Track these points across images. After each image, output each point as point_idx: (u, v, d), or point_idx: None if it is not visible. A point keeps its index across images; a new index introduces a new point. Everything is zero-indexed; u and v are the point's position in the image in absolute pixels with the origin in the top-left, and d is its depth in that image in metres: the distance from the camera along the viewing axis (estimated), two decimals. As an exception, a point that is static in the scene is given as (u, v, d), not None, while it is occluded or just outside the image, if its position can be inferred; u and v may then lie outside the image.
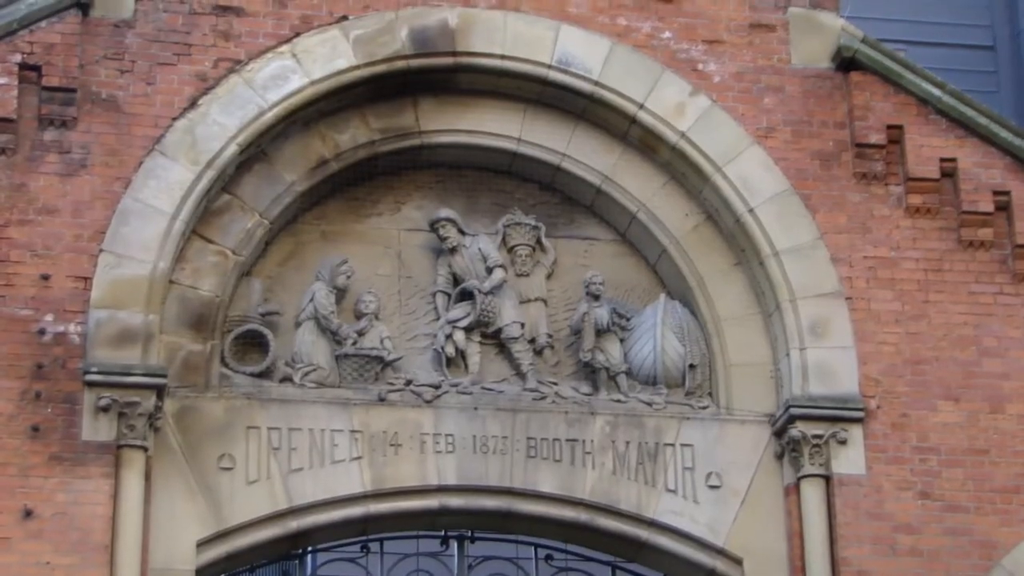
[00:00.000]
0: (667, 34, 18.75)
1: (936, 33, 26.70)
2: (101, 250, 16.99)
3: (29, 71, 17.36)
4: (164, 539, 16.59)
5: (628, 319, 18.50)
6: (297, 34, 18.05)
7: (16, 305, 16.77)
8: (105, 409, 16.36)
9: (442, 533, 18.28)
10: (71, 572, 16.04)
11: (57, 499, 16.19)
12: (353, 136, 18.38)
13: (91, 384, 16.39)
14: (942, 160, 18.56)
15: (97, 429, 16.39)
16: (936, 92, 18.95)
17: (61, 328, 16.79)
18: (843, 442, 17.44)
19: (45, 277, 16.90)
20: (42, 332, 16.74)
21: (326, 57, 18.02)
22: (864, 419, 17.61)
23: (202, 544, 16.80)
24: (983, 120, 19.04)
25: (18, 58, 17.32)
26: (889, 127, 18.65)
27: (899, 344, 18.06)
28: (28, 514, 16.08)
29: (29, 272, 16.86)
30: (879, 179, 18.65)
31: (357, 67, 18.05)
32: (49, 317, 16.74)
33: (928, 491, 17.42)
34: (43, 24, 17.56)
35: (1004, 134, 19.02)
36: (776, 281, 18.04)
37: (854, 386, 17.75)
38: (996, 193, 18.59)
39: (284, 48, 18.00)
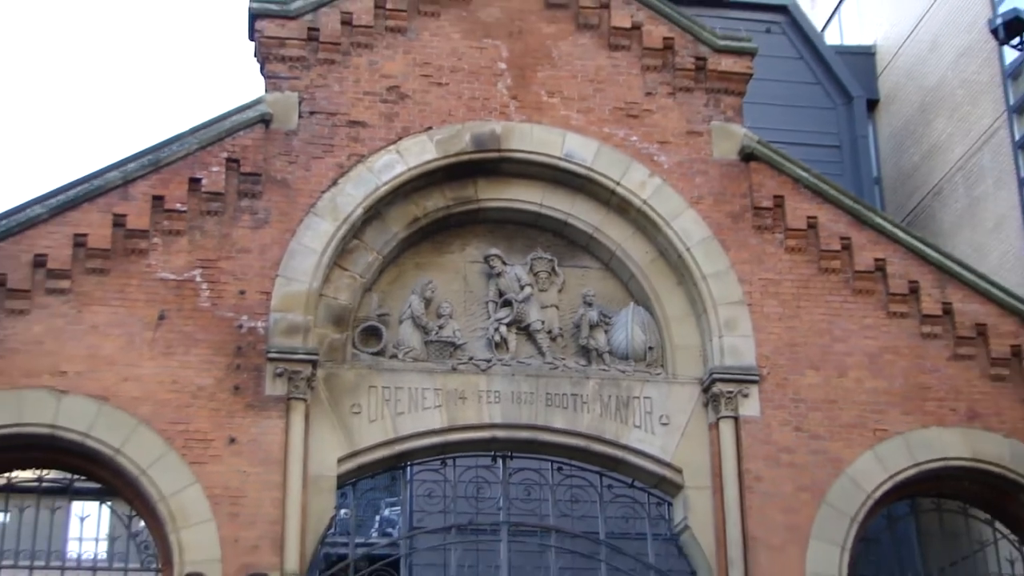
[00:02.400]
0: (634, 138, 19.65)
1: (805, 137, 26.73)
2: (277, 275, 18.16)
3: (232, 163, 18.46)
4: (317, 456, 17.79)
5: (609, 318, 19.49)
6: (400, 138, 19.10)
7: (224, 310, 17.95)
8: (280, 375, 17.68)
9: (492, 453, 19.05)
10: (259, 477, 17.18)
11: (250, 431, 17.44)
12: (435, 202, 19.41)
13: (271, 359, 17.72)
14: (808, 218, 19.53)
15: (275, 387, 17.68)
16: (804, 174, 19.80)
17: (252, 324, 17.95)
18: (746, 396, 18.57)
19: (242, 292, 18.06)
20: (240, 327, 17.92)
21: (417, 153, 19.05)
22: (759, 381, 18.68)
23: (341, 460, 17.99)
24: (833, 192, 19.87)
25: (225, 155, 18.43)
26: (775, 196, 19.62)
27: (780, 334, 19.08)
28: (232, 441, 17.34)
29: (232, 289, 18.03)
30: (768, 229, 19.58)
31: (437, 159, 19.17)
32: (245, 317, 17.94)
33: (799, 426, 18.52)
34: (240, 133, 18.62)
35: (847, 202, 19.84)
36: (704, 294, 19.04)
37: (752, 360, 18.80)
38: (842, 238, 19.44)
39: (391, 147, 19.05)
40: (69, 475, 18.48)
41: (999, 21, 17.71)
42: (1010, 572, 19.62)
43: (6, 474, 18.19)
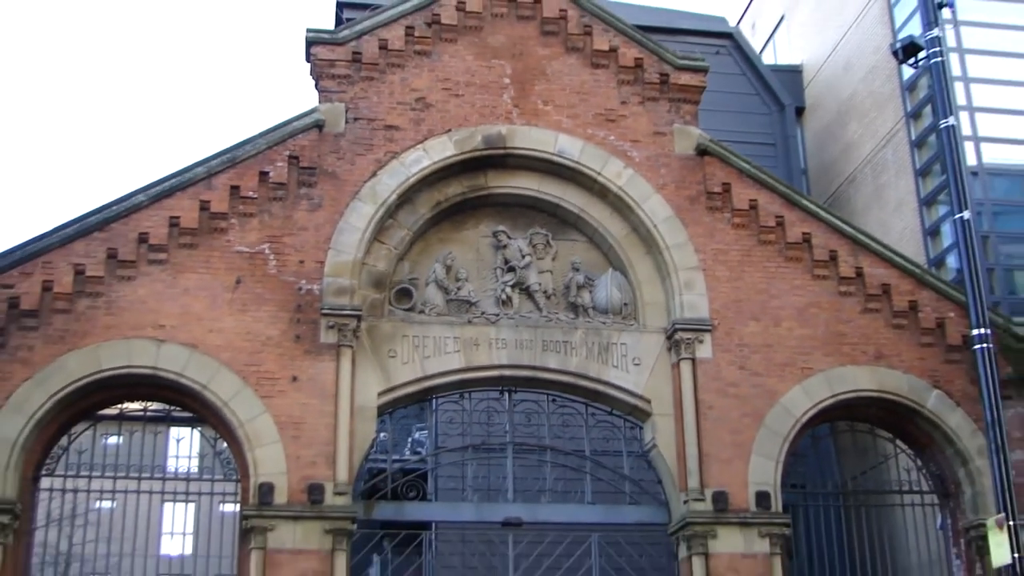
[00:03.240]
0: (612, 137, 19.77)
1: (746, 137, 26.42)
2: (329, 248, 18.41)
3: (293, 159, 18.68)
4: (361, 391, 18.01)
5: (593, 280, 19.56)
6: (425, 138, 19.22)
7: (287, 276, 18.20)
8: (331, 327, 17.96)
9: (500, 388, 19.22)
10: (316, 408, 17.54)
11: (308, 372, 17.78)
12: (453, 189, 19.53)
13: (324, 315, 18.00)
14: (749, 200, 19.75)
15: (328, 337, 17.97)
16: (746, 166, 20.03)
17: (309, 287, 18.20)
18: (701, 342, 18.84)
19: (301, 262, 18.28)
20: (300, 289, 18.16)
21: (440, 150, 19.20)
22: (711, 330, 18.94)
23: (380, 394, 18.25)
24: (769, 180, 20.15)
25: (287, 153, 18.66)
26: (723, 184, 19.78)
27: (728, 293, 19.29)
28: (294, 379, 17.70)
29: (293, 259, 18.29)
30: (718, 210, 19.75)
31: (455, 155, 19.31)
32: (303, 281, 18.18)
33: (743, 366, 18.89)
34: (299, 136, 18.83)
35: (780, 188, 20.13)
36: (667, 261, 19.25)
37: (706, 314, 19.04)
38: (776, 217, 19.67)
39: (419, 146, 19.21)
40: (167, 407, 18.91)
41: (898, 45, 18.08)
42: (907, 479, 20.00)
43: (118, 406, 18.57)
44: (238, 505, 18.09)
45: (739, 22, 37.09)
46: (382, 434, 18.98)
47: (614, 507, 19.16)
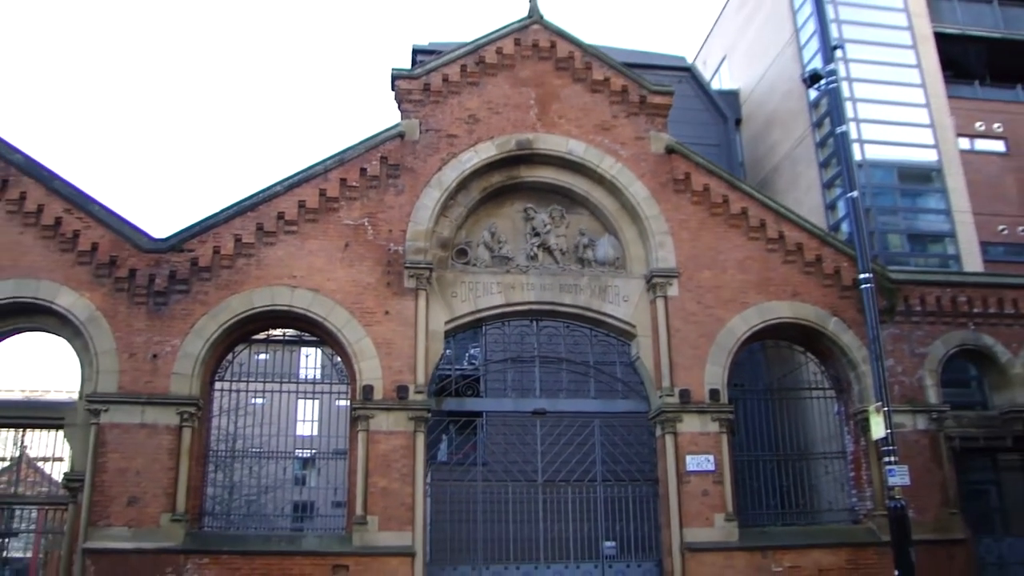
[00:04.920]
0: (607, 141, 19.50)
1: (700, 140, 26.65)
2: (409, 220, 18.35)
3: (383, 159, 18.68)
4: (433, 321, 18.04)
5: (594, 241, 19.37)
6: (476, 143, 19.09)
7: (381, 240, 18.18)
8: (411, 276, 18.00)
9: (529, 318, 18.99)
10: (402, 333, 17.61)
11: (396, 307, 17.81)
12: (495, 178, 19.33)
13: (407, 268, 18.03)
14: (704, 184, 19.50)
15: (409, 283, 18.00)
16: (702, 160, 19.81)
17: (396, 248, 18.17)
18: (671, 284, 18.76)
19: (390, 231, 18.23)
20: (390, 249, 18.14)
21: (485, 151, 19.07)
22: (678, 276, 18.84)
23: (446, 323, 18.28)
24: (717, 170, 19.91)
25: (379, 154, 18.69)
26: (685, 173, 19.53)
27: (688, 250, 19.08)
28: (386, 313, 17.72)
29: (384, 229, 18.25)
30: (682, 191, 19.47)
31: (497, 154, 19.15)
32: (392, 244, 18.20)
33: (700, 301, 18.70)
34: (387, 143, 18.85)
35: (725, 175, 19.88)
36: (647, 227, 19.08)
37: (674, 264, 18.88)
38: (723, 196, 19.48)
39: (471, 148, 19.10)
40: (299, 333, 19.07)
41: (806, 75, 18.03)
42: (815, 380, 20.14)
43: (265, 332, 18.77)
44: (349, 401, 18.07)
45: (695, 59, 37.15)
46: (447, 351, 18.83)
47: (610, 400, 19.05)
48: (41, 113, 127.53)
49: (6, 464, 20.08)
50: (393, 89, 19.54)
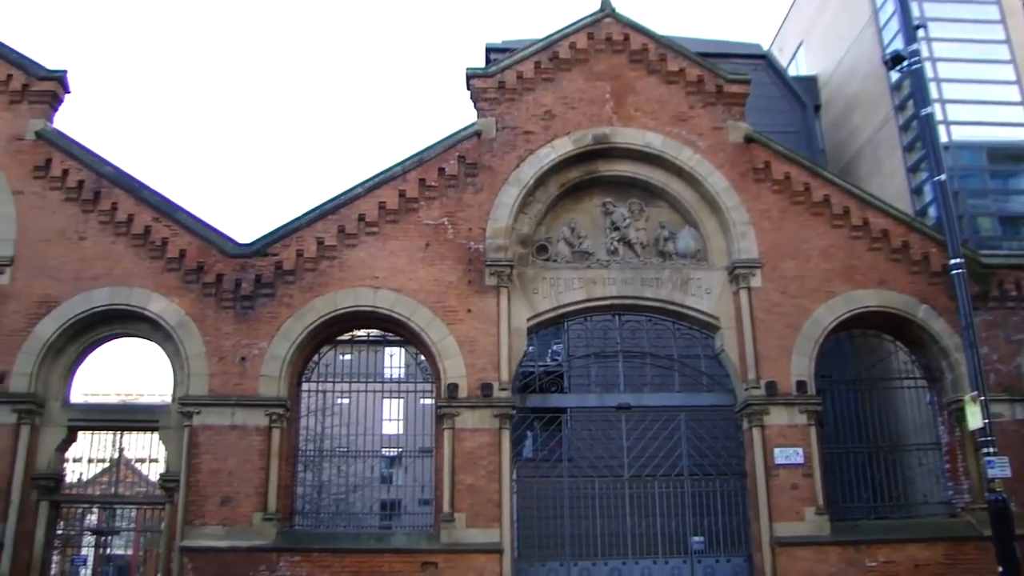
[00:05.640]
0: (684, 132, 19.25)
1: (780, 127, 25.99)
2: (489, 218, 18.39)
3: (461, 158, 18.75)
4: (515, 317, 18.08)
5: (675, 234, 19.17)
6: (552, 139, 19.03)
7: (461, 239, 18.26)
8: (492, 274, 18.06)
9: (612, 313, 18.89)
10: (484, 330, 17.69)
11: (478, 305, 17.88)
12: (573, 174, 19.23)
13: (488, 265, 18.07)
14: (784, 173, 19.17)
15: (490, 281, 18.07)
16: (781, 148, 19.51)
17: (477, 246, 18.24)
18: (754, 275, 18.48)
19: (470, 229, 18.30)
20: (470, 248, 18.21)
21: (562, 147, 18.96)
22: (761, 267, 18.54)
23: (528, 319, 18.30)
24: (798, 158, 19.61)
25: (457, 153, 18.76)
26: (765, 162, 19.23)
27: (771, 240, 18.78)
28: (469, 311, 17.78)
29: (464, 227, 18.31)
30: (762, 181, 19.16)
31: (574, 150, 19.07)
32: (472, 242, 18.18)
33: (784, 291, 18.45)
34: (464, 142, 18.95)
35: (806, 163, 19.59)
36: (728, 219, 18.80)
37: (756, 255, 18.58)
38: (804, 184, 19.09)
39: (548, 144, 19.03)
40: (383, 333, 19.28)
41: (888, 57, 17.59)
42: (905, 369, 19.64)
43: (350, 333, 19.05)
44: (432, 399, 18.22)
45: (770, 46, 36.51)
46: (530, 347, 18.79)
47: (695, 394, 18.88)
48: (119, 121, 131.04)
49: (105, 466, 20.73)
50: (468, 88, 19.57)
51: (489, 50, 29.07)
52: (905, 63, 17.18)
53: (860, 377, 20.10)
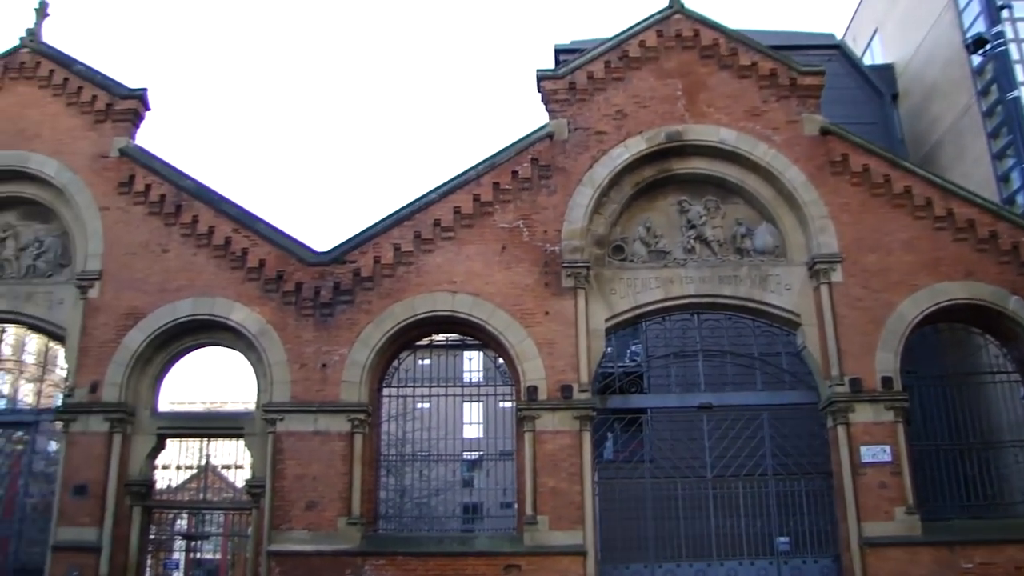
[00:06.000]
0: (758, 127, 18.95)
1: (857, 119, 25.53)
2: (564, 220, 18.38)
3: (534, 160, 18.80)
4: (593, 319, 18.03)
5: (752, 231, 18.98)
6: (625, 139, 18.93)
7: (536, 241, 18.30)
8: (569, 275, 18.04)
9: (690, 312, 18.72)
10: (562, 332, 17.68)
11: (556, 307, 17.87)
12: (647, 172, 19.10)
13: (564, 267, 18.06)
14: (863, 165, 18.76)
15: (567, 282, 18.04)
16: (859, 140, 19.11)
17: (552, 248, 18.24)
18: (834, 270, 18.12)
19: (545, 231, 18.32)
20: (546, 250, 18.23)
21: (635, 146, 18.86)
22: (841, 261, 18.17)
23: (606, 320, 18.25)
24: (876, 149, 19.20)
25: (530, 156, 18.84)
26: (842, 154, 18.87)
27: (851, 233, 18.38)
28: (547, 313, 17.82)
29: (539, 230, 18.37)
30: (840, 173, 18.78)
31: (647, 148, 18.93)
32: (548, 245, 18.29)
33: (866, 285, 18.02)
34: (537, 144, 18.98)
35: (885, 154, 19.20)
36: (807, 213, 18.46)
37: (837, 250, 18.22)
38: (884, 175, 18.68)
39: (621, 144, 18.95)
40: (461, 337, 19.44)
41: (969, 40, 17.17)
42: (995, 363, 19.02)
43: (428, 338, 19.15)
44: (512, 402, 18.26)
45: (844, 35, 35.80)
46: (608, 348, 18.68)
47: (778, 392, 18.57)
48: (194, 133, 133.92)
49: (193, 472, 21.25)
50: (539, 90, 19.58)
51: (558, 51, 29.07)
52: (988, 46, 16.72)
53: (948, 372, 19.50)
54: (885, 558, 16.50)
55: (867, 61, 33.08)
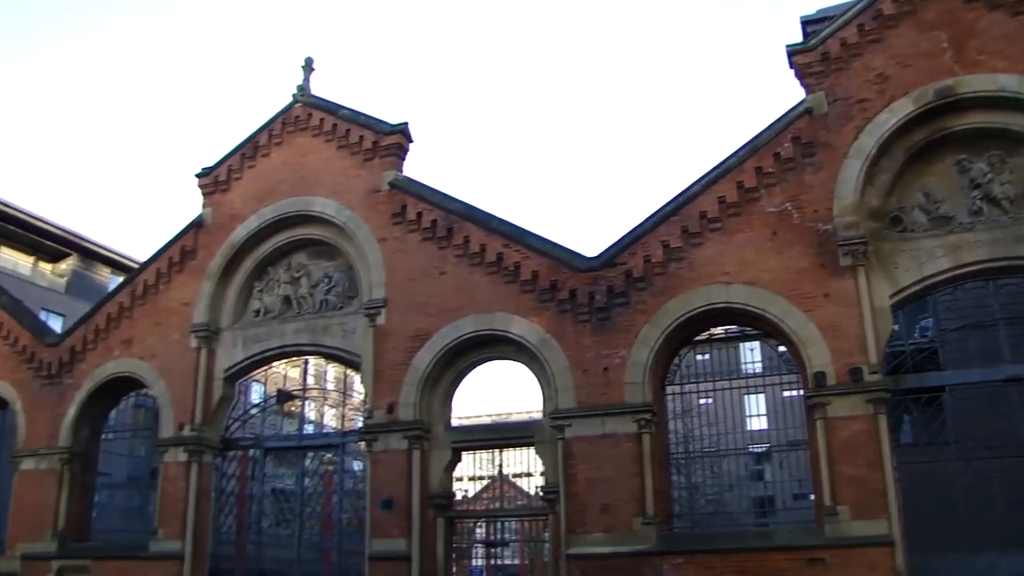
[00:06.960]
0: None
1: None
2: (834, 196, 17.34)
3: (795, 139, 18.05)
4: (876, 296, 16.90)
5: None
6: (889, 103, 17.60)
7: (807, 222, 17.46)
8: (846, 254, 17.06)
9: (984, 279, 17.28)
10: (846, 312, 16.70)
11: (835, 288, 16.99)
12: (918, 136, 17.64)
13: (840, 245, 17.05)
14: None
15: (845, 261, 17.04)
16: None
17: (825, 227, 17.32)
18: None
19: (815, 211, 17.47)
20: (819, 230, 17.39)
21: (902, 109, 17.50)
22: None
23: (890, 296, 17.05)
24: None
25: (791, 135, 18.08)
26: None
27: None
28: (826, 295, 17.06)
29: (809, 210, 17.51)
30: None
31: (915, 110, 17.45)
32: (820, 224, 17.32)
33: None
34: (796, 122, 18.17)
35: None
36: None
37: None
38: None
39: (886, 109, 17.62)
40: (739, 328, 19.14)
41: None
42: None
43: (705, 332, 19.13)
44: (797, 391, 17.80)
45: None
46: (895, 326, 17.63)
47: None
48: (447, 156, 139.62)
49: (486, 482, 22.19)
50: (791, 66, 18.86)
51: (804, 22, 28.09)
52: None
53: None
54: None
55: None
